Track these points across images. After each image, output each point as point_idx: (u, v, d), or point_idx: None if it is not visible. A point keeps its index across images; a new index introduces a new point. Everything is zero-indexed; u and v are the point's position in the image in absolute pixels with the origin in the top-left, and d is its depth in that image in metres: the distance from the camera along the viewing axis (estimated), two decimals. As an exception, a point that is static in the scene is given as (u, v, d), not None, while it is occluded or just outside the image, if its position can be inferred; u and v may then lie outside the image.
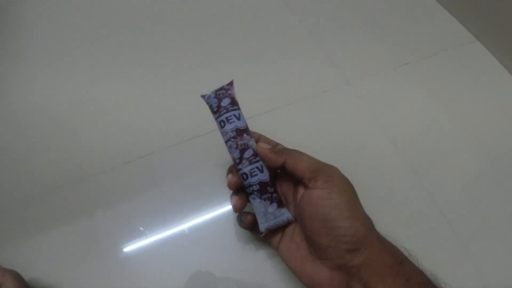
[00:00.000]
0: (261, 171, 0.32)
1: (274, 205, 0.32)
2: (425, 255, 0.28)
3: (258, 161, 0.32)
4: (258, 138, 0.34)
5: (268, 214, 0.32)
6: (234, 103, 0.33)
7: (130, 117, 0.47)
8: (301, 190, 0.31)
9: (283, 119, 0.46)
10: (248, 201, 0.33)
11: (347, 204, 0.27)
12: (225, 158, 0.34)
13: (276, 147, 0.33)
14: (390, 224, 0.30)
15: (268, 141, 0.35)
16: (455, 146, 0.43)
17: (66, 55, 0.53)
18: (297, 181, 0.31)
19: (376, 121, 0.45)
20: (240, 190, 0.33)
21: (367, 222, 0.28)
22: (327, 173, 0.29)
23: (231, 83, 0.34)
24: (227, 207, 0.39)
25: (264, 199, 0.32)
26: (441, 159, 0.42)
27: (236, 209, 0.33)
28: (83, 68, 0.52)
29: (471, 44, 0.52)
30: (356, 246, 0.26)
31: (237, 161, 0.32)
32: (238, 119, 0.32)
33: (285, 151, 0.31)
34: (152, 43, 0.54)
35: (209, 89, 0.33)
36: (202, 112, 0.45)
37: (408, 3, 0.58)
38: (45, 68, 0.52)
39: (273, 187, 0.32)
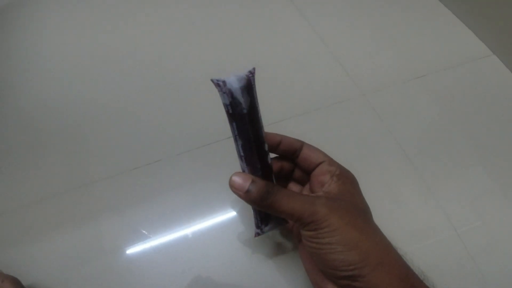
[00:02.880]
0: None
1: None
2: (434, 268, 0.28)
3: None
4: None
5: None
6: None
7: (139, 123, 0.46)
8: None
9: (295, 129, 0.44)
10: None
11: (340, 241, 0.25)
12: (234, 166, 0.32)
13: (258, 184, 0.28)
14: (400, 236, 0.29)
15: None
16: (468, 160, 0.42)
17: (68, 56, 0.53)
18: None
19: (390, 133, 0.44)
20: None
21: (370, 247, 0.25)
22: (315, 217, 0.25)
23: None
24: (232, 214, 0.39)
25: None
26: (454, 173, 0.42)
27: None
28: (91, 69, 0.52)
29: (487, 58, 0.51)
30: (354, 273, 0.24)
31: None
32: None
33: (266, 196, 0.27)
34: (161, 43, 0.54)
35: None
36: (213, 120, 0.45)
37: (425, 16, 0.58)
38: (51, 65, 0.52)
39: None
